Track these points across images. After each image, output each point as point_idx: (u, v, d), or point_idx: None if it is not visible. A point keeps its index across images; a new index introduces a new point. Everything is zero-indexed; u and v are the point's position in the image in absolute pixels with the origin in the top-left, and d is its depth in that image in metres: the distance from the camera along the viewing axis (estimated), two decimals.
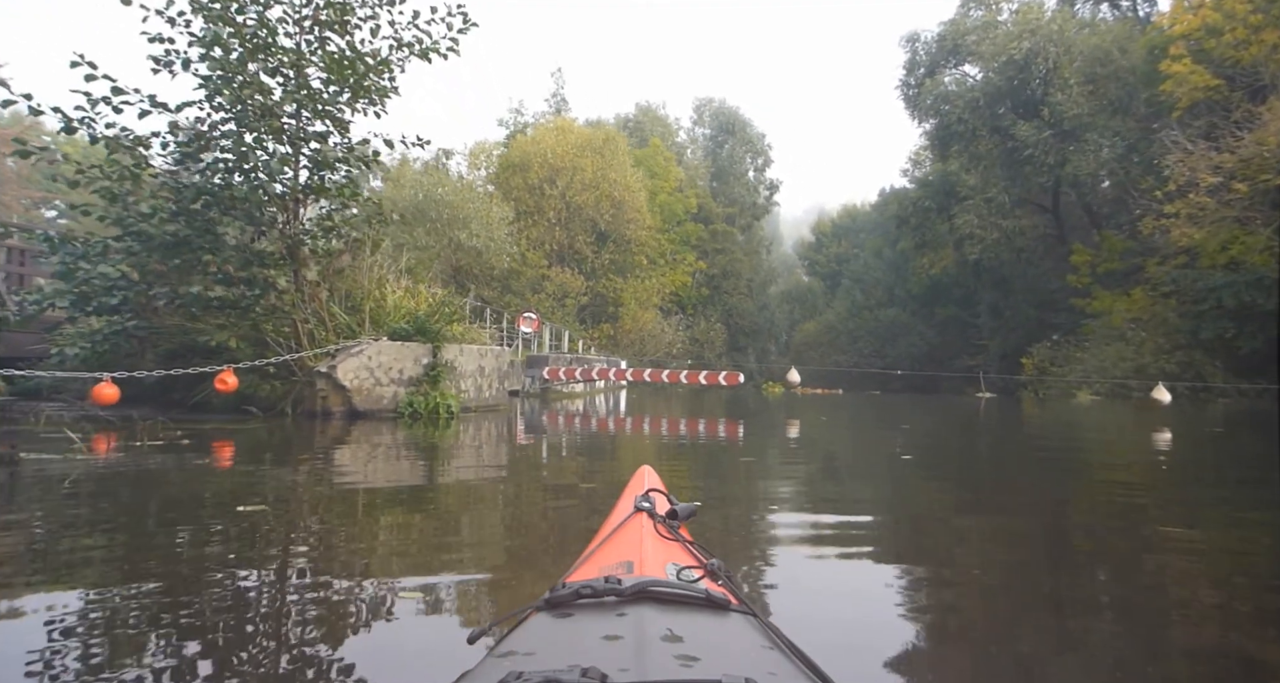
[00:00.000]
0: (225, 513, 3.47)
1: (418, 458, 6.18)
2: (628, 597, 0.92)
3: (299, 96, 8.59)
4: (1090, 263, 36.21)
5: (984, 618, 2.35)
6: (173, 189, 8.59)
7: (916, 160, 49.41)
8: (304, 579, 2.48)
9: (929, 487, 5.40)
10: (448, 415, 9.21)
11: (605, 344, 36.43)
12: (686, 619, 0.87)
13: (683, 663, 0.72)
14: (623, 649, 0.76)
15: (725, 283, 48.60)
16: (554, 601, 0.94)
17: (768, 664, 0.79)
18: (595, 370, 15.00)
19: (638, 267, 38.67)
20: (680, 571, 1.10)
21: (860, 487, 5.34)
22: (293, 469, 5.23)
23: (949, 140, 38.79)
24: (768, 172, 54.89)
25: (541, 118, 40.24)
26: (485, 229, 30.61)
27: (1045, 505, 4.59)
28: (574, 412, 13.25)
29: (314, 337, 9.23)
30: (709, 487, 4.82)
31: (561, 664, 0.68)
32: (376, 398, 9.00)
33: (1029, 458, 7.85)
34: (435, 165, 34.98)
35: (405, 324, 9.43)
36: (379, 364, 9.02)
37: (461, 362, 10.04)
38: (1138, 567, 3.06)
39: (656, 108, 52.19)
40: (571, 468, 5.88)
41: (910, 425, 12.15)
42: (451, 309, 10.17)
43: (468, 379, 10.20)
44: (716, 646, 0.82)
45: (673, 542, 1.26)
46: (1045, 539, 3.54)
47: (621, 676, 0.67)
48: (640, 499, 1.39)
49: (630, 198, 36.08)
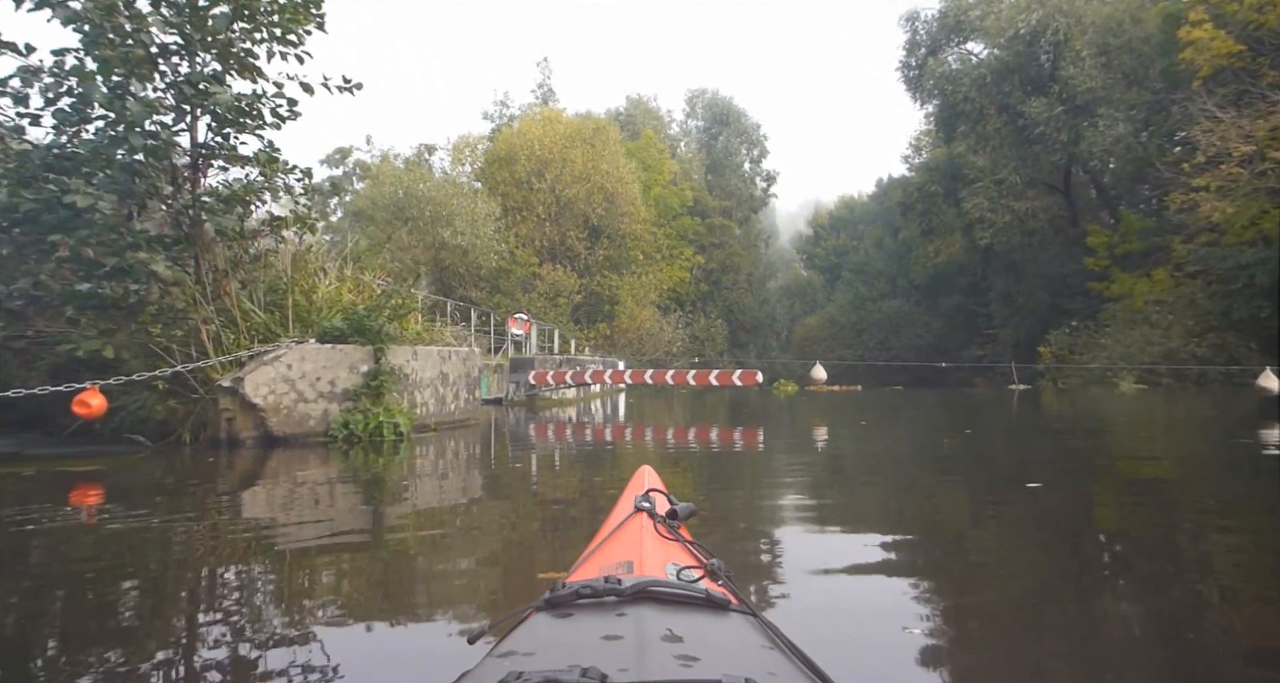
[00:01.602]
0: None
1: (343, 503, 4.31)
2: (628, 597, 0.90)
3: (179, 20, 6.47)
4: (1108, 244, 34.10)
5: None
6: (18, 153, 6.47)
7: (918, 146, 47.28)
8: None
9: (1132, 550, 3.28)
10: (395, 437, 7.10)
11: (602, 344, 34.27)
12: (686, 619, 0.86)
13: (683, 663, 0.71)
14: (623, 649, 0.75)
15: (724, 278, 46.38)
16: (554, 601, 0.93)
17: (768, 664, 0.78)
18: (589, 373, 12.88)
19: (634, 263, 36.43)
20: (680, 571, 1.08)
21: (1029, 567, 3.21)
22: (144, 528, 3.55)
23: (955, 121, 36.62)
24: (764, 163, 52.66)
25: (528, 110, 37.97)
26: (470, 226, 28.51)
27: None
28: (565, 421, 11.15)
29: (221, 342, 7.11)
30: (755, 551, 2.74)
31: (561, 664, 0.67)
32: (300, 418, 6.88)
33: (1227, 483, 5.73)
34: (416, 161, 32.83)
35: (339, 322, 7.32)
36: (303, 374, 6.90)
37: (416, 368, 7.91)
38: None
39: (648, 100, 49.96)
40: (552, 515, 3.86)
41: (971, 429, 10.05)
42: (400, 301, 7.98)
43: (425, 389, 8.07)
44: (716, 646, 0.81)
45: (673, 542, 1.23)
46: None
47: (621, 676, 0.65)
48: (640, 499, 1.35)
49: (623, 190, 33.86)
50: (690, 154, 49.77)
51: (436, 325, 9.28)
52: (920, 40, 39.52)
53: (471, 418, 9.10)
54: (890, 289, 52.58)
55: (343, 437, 6.91)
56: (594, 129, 34.40)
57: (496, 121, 38.91)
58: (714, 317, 43.84)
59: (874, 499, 4.64)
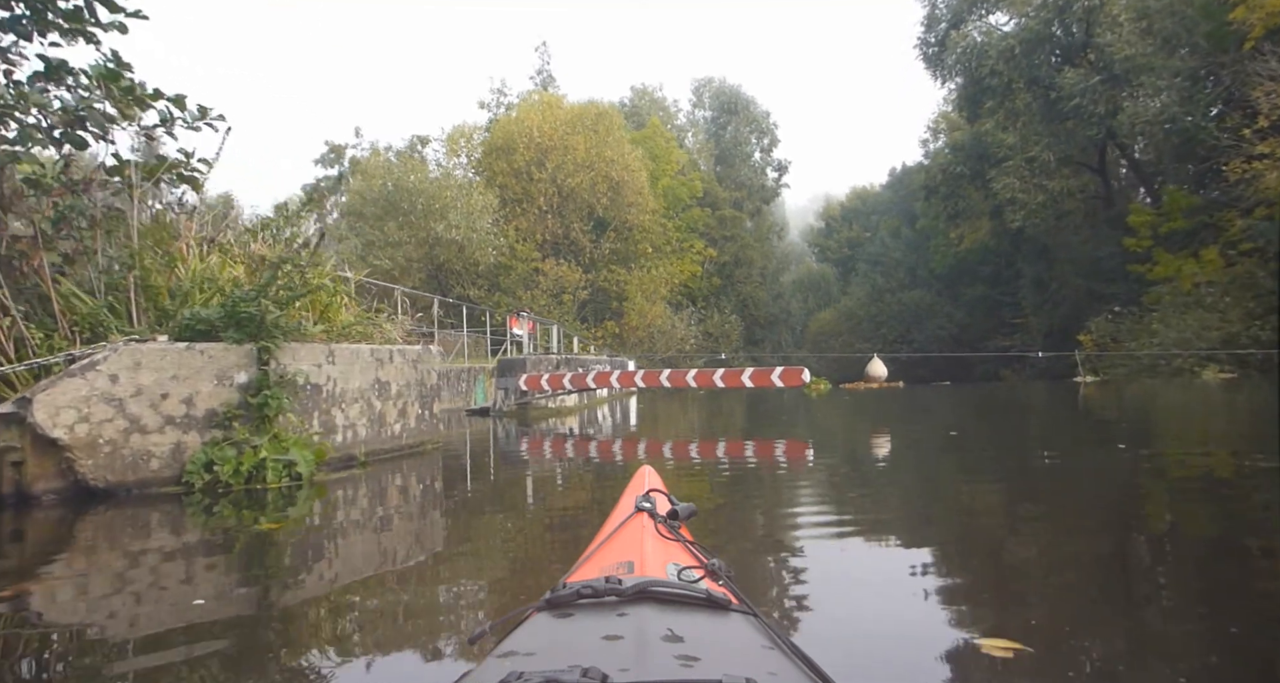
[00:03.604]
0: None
1: (184, 601, 1.71)
2: (628, 597, 0.88)
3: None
4: (1150, 223, 31.23)
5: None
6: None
7: (937, 128, 44.52)
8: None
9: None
10: (291, 482, 4.60)
11: (611, 343, 31.71)
12: (687, 619, 0.84)
13: (683, 663, 0.70)
14: (623, 649, 0.74)
15: (738, 271, 43.68)
16: (554, 601, 0.91)
17: (768, 665, 0.76)
18: (591, 375, 10.36)
19: (642, 256, 33.77)
20: (681, 571, 1.05)
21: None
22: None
23: (980, 97, 33.87)
24: (775, 152, 50.02)
25: (526, 97, 35.39)
26: (466, 220, 26.01)
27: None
28: (563, 435, 8.63)
29: (27, 341, 4.64)
30: None
31: (562, 665, 0.65)
32: (134, 459, 4.38)
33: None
34: (409, 154, 30.35)
35: (209, 311, 4.82)
36: (138, 390, 4.41)
37: (334, 375, 5.39)
38: None
39: (653, 90, 47.36)
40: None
41: (1126, 444, 7.45)
42: (303, 277, 5.40)
43: (350, 405, 5.55)
44: (717, 646, 0.79)
45: (673, 542, 1.20)
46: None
47: (622, 676, 0.65)
48: (641, 499, 1.32)
49: (630, 178, 31.21)
50: (698, 145, 47.18)
51: (385, 317, 6.79)
52: (940, 14, 36.79)
53: (427, 441, 6.59)
54: (910, 280, 49.83)
55: (203, 485, 4.42)
56: (596, 115, 31.81)
57: (494, 111, 36.40)
58: (728, 312, 41.20)
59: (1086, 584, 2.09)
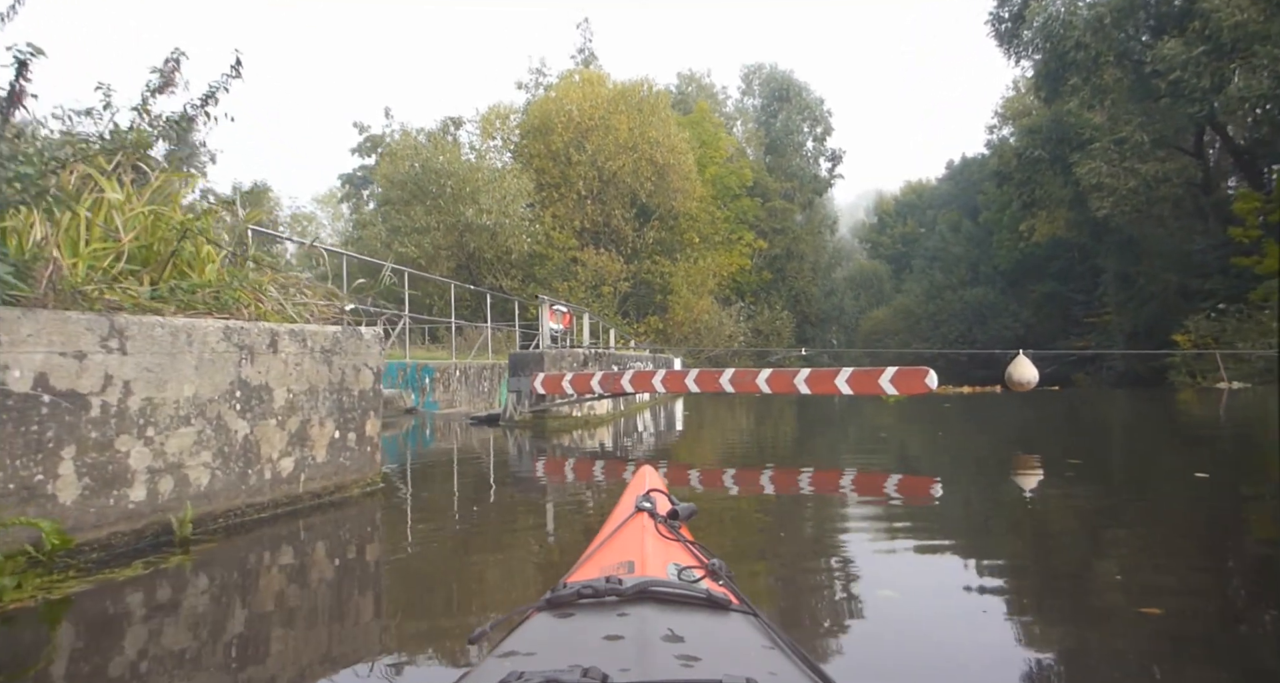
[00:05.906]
0: None
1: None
2: (629, 597, 0.88)
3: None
4: (1259, 210, 27.36)
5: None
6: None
7: (1005, 114, 40.76)
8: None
9: None
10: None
11: (655, 339, 29.06)
12: (687, 619, 0.84)
13: (684, 663, 0.69)
14: (624, 649, 0.73)
15: (789, 265, 40.63)
16: (555, 600, 0.91)
17: (768, 664, 0.76)
18: (628, 377, 7.75)
19: (688, 246, 31.04)
20: (681, 571, 1.05)
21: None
22: None
23: (1062, 74, 30.23)
24: (828, 142, 46.76)
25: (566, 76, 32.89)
26: (499, 205, 23.63)
27: None
28: (587, 456, 5.98)
29: None
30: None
31: (562, 664, 0.65)
32: None
33: None
34: (440, 135, 28.12)
35: None
36: None
37: (125, 374, 2.86)
38: None
39: (700, 76, 44.53)
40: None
41: None
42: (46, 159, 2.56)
43: (176, 432, 2.99)
44: (717, 646, 0.79)
45: (674, 542, 1.19)
46: None
47: (622, 676, 0.64)
48: (641, 499, 1.31)
49: (676, 162, 28.46)
50: (748, 133, 44.20)
51: (298, 288, 4.21)
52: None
53: (354, 483, 4.03)
54: (971, 276, 46.14)
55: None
56: (644, 94, 29.12)
57: (532, 92, 33.98)
58: (779, 307, 38.19)
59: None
